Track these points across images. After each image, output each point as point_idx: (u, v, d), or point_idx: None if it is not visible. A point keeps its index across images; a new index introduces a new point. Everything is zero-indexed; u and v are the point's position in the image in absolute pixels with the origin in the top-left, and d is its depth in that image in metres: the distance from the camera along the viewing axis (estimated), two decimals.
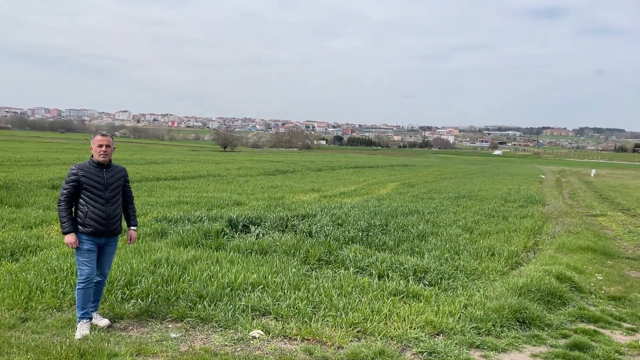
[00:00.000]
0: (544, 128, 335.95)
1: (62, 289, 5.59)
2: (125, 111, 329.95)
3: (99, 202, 4.82)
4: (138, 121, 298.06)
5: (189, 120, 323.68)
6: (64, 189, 4.78)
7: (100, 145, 4.86)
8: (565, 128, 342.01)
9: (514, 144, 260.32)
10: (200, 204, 13.32)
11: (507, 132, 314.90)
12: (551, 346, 4.96)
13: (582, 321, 5.73)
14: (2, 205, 11.62)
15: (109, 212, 4.86)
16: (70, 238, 4.75)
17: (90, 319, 4.82)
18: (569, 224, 12.77)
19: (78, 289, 4.77)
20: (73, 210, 4.86)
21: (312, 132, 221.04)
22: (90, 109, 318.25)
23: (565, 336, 5.20)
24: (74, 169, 4.82)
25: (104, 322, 4.91)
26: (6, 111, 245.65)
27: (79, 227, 4.79)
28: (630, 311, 6.13)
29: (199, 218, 10.12)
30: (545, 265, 7.68)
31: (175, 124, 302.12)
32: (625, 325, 5.70)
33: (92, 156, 4.91)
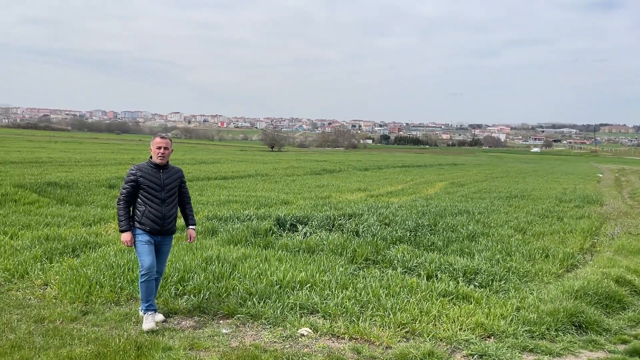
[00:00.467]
0: (601, 125, 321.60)
1: (119, 284, 5.84)
2: (177, 112, 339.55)
3: (155, 202, 4.98)
4: (189, 122, 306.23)
5: (237, 121, 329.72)
6: (123, 189, 4.97)
7: (159, 147, 5.02)
8: (624, 125, 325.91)
9: (570, 142, 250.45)
10: (249, 202, 13.55)
11: (561, 130, 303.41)
12: (609, 352, 4.76)
13: None
14: (63, 203, 12.22)
15: (164, 212, 5.01)
16: (126, 236, 4.92)
17: (155, 310, 4.97)
18: (629, 225, 12.21)
19: (141, 282, 4.93)
20: (131, 210, 5.04)
21: (359, 131, 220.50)
22: (144, 111, 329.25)
23: (624, 342, 4.99)
24: (132, 170, 5.00)
25: (158, 317, 5.07)
26: (66, 114, 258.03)
27: (137, 224, 4.98)
28: None
29: (248, 217, 10.30)
30: (603, 267, 7.38)
31: (225, 125, 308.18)
32: None
33: (151, 157, 5.08)
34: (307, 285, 5.97)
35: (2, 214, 10.23)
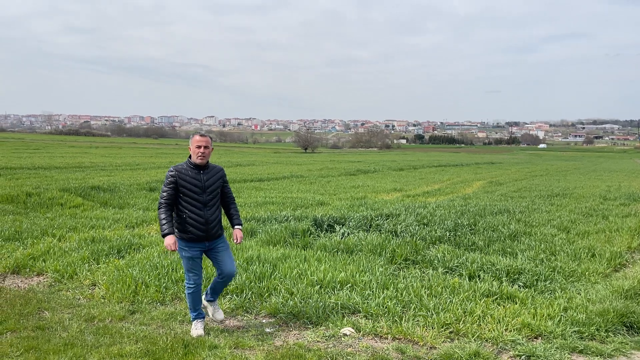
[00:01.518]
0: None
1: (164, 284, 5.97)
2: (212, 116, 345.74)
3: (197, 207, 4.66)
4: (224, 125, 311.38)
5: (270, 123, 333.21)
6: (163, 191, 4.68)
7: (199, 146, 4.68)
8: None
9: (612, 138, 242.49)
10: (285, 204, 13.64)
11: (603, 126, 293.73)
12: None
13: None
14: (107, 206, 12.59)
15: (206, 216, 4.68)
16: (169, 240, 4.59)
17: (203, 317, 4.90)
18: None
19: (187, 293, 4.80)
20: (175, 216, 4.75)
21: (392, 131, 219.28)
22: (179, 116, 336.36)
23: None
24: (171, 171, 4.70)
25: (219, 314, 5.00)
26: (106, 120, 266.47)
27: (179, 233, 4.70)
28: None
29: (285, 218, 10.37)
30: None
31: (258, 127, 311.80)
32: None
33: (190, 157, 4.78)
34: (348, 285, 5.97)
35: (50, 217, 10.61)
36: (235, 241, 4.99)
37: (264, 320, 5.21)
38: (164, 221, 4.63)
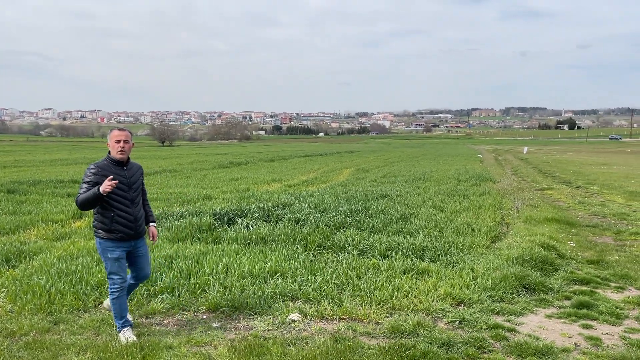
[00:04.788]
0: (473, 109, 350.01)
1: (82, 290, 5.53)
2: (49, 109, 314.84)
3: (125, 204, 4.46)
4: (64, 119, 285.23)
5: (119, 116, 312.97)
6: (82, 189, 4.35)
7: (118, 141, 4.46)
8: (492, 109, 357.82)
9: (447, 126, 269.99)
10: (170, 200, 13.14)
11: (439, 115, 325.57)
12: (559, 307, 5.48)
13: (576, 284, 6.32)
14: None
15: (135, 213, 4.53)
16: (104, 184, 4.23)
17: (131, 325, 4.63)
18: (526, 199, 13.67)
19: (112, 298, 4.52)
20: (96, 215, 4.49)
21: (250, 123, 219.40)
22: (10, 108, 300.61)
23: (567, 297, 5.75)
24: (92, 168, 4.40)
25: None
26: None
27: (105, 233, 4.44)
28: (612, 272, 6.79)
29: (180, 214, 10.03)
30: (527, 236, 8.31)
31: (105, 120, 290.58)
32: (613, 284, 6.35)
33: (109, 153, 4.53)
34: (277, 274, 6.09)
35: None
36: (150, 238, 4.90)
37: (204, 316, 5.12)
38: (88, 193, 4.27)
